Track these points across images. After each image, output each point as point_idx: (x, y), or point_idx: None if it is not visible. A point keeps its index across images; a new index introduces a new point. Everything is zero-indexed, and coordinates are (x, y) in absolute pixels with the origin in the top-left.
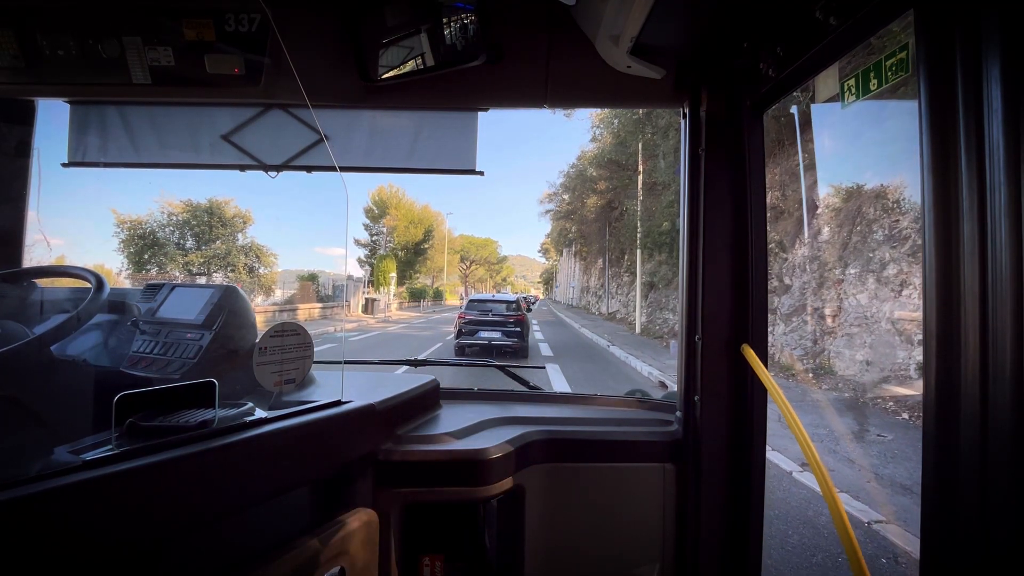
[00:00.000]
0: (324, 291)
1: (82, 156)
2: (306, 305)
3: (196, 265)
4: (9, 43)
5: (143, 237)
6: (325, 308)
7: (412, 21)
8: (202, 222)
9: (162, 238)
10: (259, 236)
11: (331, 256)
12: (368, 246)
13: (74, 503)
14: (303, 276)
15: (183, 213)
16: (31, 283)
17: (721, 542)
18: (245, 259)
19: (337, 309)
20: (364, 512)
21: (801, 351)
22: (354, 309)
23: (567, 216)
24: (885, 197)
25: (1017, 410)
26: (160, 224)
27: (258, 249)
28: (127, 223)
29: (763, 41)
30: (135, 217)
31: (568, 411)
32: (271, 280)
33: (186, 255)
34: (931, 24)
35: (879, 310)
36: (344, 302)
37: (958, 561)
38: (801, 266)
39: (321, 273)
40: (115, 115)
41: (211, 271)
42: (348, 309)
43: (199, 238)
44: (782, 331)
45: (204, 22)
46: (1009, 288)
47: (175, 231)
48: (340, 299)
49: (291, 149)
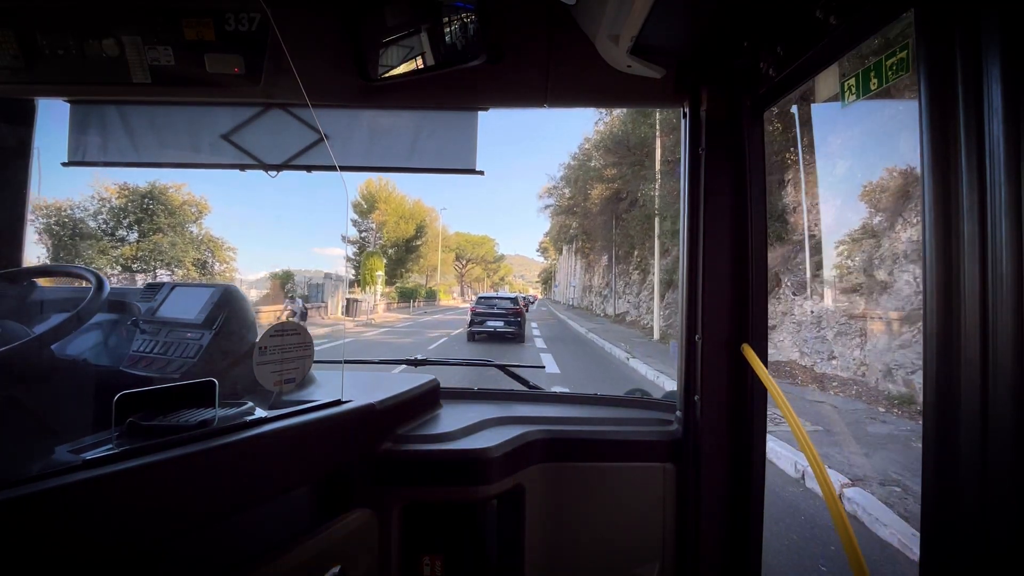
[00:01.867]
0: (299, 291)
1: (82, 156)
2: (269, 308)
3: (130, 259)
4: (9, 43)
5: (63, 225)
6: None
7: (412, 21)
8: (140, 209)
9: (94, 228)
10: (229, 229)
11: (331, 256)
12: (357, 243)
13: (74, 503)
14: (276, 275)
15: (118, 198)
16: (31, 282)
17: (721, 541)
18: (196, 253)
19: (312, 312)
20: (364, 512)
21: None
22: (333, 311)
23: (568, 211)
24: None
25: (1017, 410)
26: (89, 212)
27: (212, 242)
28: (43, 209)
29: (763, 41)
30: (53, 202)
31: (568, 411)
32: (228, 279)
33: (120, 247)
34: (931, 24)
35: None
36: (319, 303)
37: (958, 561)
38: (909, 255)
39: (306, 272)
40: (115, 115)
41: (154, 266)
42: (326, 311)
43: (139, 227)
44: (887, 344)
45: (204, 22)
46: (1009, 288)
47: (110, 219)
48: (316, 300)
49: (291, 149)
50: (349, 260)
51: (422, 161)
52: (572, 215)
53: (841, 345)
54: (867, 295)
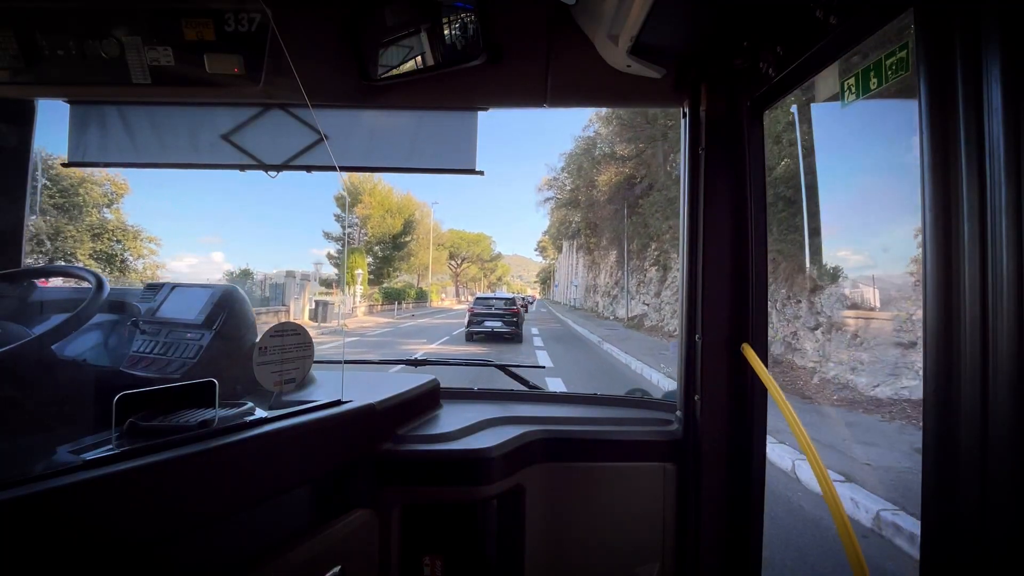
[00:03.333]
0: (260, 292)
1: (82, 156)
2: None
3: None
4: (9, 43)
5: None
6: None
7: (412, 21)
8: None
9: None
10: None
11: (314, 255)
12: (340, 240)
13: (75, 503)
14: (233, 274)
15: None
16: (31, 283)
17: (721, 541)
18: (95, 244)
19: (270, 316)
20: (364, 512)
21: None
22: (297, 314)
23: (570, 204)
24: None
25: (1017, 410)
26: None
27: (124, 231)
28: None
29: (763, 40)
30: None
31: (568, 411)
32: (148, 277)
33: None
34: (931, 24)
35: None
36: (280, 307)
37: (958, 561)
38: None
39: (269, 273)
40: (115, 115)
41: (37, 255)
42: (288, 315)
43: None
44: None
45: (204, 22)
46: (1009, 288)
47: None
48: (275, 303)
49: (291, 149)
50: (331, 258)
51: (422, 161)
52: (575, 208)
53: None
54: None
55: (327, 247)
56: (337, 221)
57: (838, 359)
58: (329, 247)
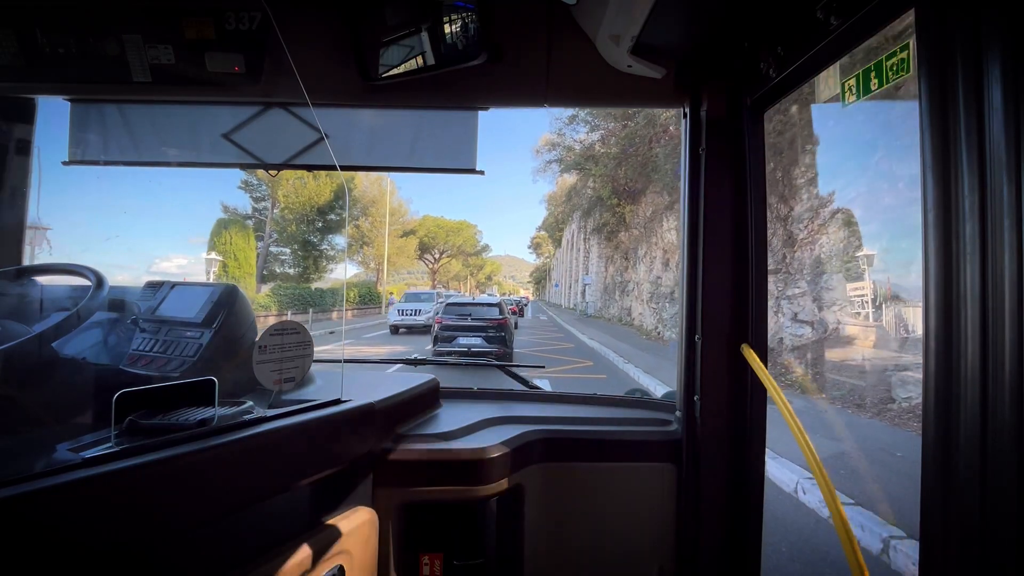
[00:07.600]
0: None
1: (82, 154)
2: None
3: None
4: (9, 42)
5: None
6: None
7: (412, 20)
8: None
9: None
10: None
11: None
12: (249, 218)
13: (74, 500)
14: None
15: None
16: (31, 281)
17: (720, 541)
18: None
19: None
20: (363, 511)
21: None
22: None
23: (584, 164)
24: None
25: (1017, 410)
26: None
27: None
28: None
29: (763, 41)
30: None
31: (568, 411)
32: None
33: None
34: (931, 24)
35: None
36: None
37: (958, 561)
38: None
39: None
40: (115, 113)
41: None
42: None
43: None
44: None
45: (204, 20)
46: (1009, 288)
47: None
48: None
49: (291, 147)
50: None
51: (422, 161)
52: (588, 170)
53: None
54: None
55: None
56: (245, 191)
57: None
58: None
